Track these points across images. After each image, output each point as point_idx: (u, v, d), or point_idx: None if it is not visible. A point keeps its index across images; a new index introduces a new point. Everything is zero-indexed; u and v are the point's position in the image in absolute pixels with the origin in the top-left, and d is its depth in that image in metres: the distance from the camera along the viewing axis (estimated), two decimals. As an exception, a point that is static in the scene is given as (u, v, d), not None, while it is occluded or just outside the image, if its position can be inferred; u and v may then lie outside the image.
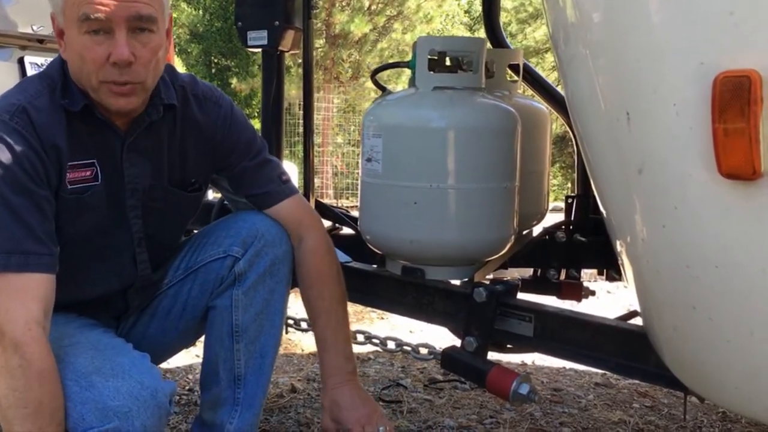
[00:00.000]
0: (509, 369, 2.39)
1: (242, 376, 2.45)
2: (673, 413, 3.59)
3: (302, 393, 3.70)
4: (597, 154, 1.90)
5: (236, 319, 2.42)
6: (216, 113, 2.40)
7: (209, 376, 2.49)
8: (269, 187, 2.46)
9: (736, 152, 1.41)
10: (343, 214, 3.41)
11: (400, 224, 2.53)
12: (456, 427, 3.34)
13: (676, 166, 1.56)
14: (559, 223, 3.28)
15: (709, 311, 1.60)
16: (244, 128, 2.46)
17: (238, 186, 2.50)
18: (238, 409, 2.46)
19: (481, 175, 2.51)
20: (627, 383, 3.97)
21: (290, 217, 2.46)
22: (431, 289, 2.65)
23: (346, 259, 2.92)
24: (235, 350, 2.44)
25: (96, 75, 2.06)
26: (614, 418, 3.50)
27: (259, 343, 2.45)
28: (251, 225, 2.43)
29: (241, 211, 2.55)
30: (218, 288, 2.43)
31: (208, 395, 2.50)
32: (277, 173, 2.48)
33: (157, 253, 2.42)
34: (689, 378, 1.83)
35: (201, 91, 2.39)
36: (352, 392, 2.37)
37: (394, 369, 4.15)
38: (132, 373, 2.01)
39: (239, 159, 2.44)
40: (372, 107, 2.70)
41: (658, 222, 1.64)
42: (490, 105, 2.59)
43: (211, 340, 2.47)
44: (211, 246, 2.46)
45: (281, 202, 2.46)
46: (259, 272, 2.41)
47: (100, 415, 1.94)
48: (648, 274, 1.76)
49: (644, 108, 1.60)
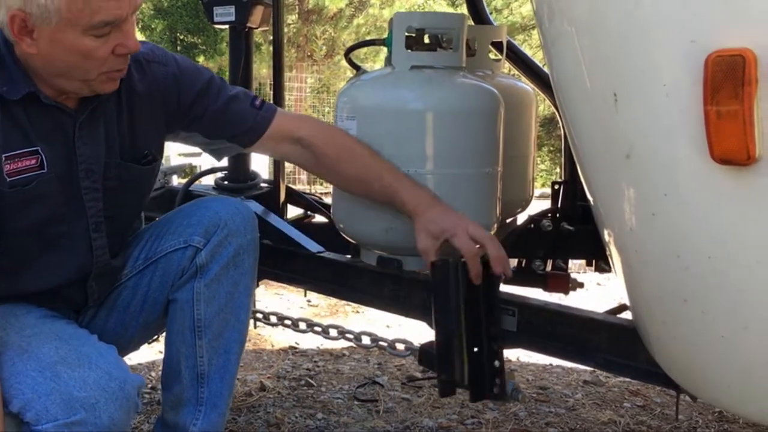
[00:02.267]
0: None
1: (206, 374, 2.45)
2: (666, 413, 3.60)
3: (272, 391, 3.71)
4: (583, 139, 1.90)
5: (198, 314, 2.41)
6: (163, 74, 2.42)
7: (171, 374, 2.49)
8: (247, 122, 2.49)
9: (730, 136, 1.41)
10: (316, 201, 3.41)
11: (376, 212, 2.53)
12: (435, 428, 3.34)
13: (666, 151, 1.56)
14: (545, 210, 3.27)
15: (701, 304, 1.60)
16: (196, 76, 2.48)
17: (214, 133, 2.53)
18: (202, 410, 2.45)
19: (461, 159, 2.50)
20: (617, 381, 3.98)
21: (281, 133, 2.51)
22: (409, 281, 2.65)
23: (319, 249, 2.92)
24: (197, 347, 2.43)
25: (99, 69, 2.12)
26: (603, 418, 3.51)
27: (224, 339, 2.45)
28: (214, 213, 2.44)
29: (204, 198, 2.55)
30: (179, 280, 2.43)
31: (170, 394, 2.49)
32: (248, 104, 2.51)
33: (116, 236, 2.42)
34: (680, 375, 1.84)
35: (143, 54, 2.39)
36: (446, 208, 2.38)
37: (370, 366, 4.15)
38: (99, 364, 2.02)
39: (203, 106, 2.46)
40: (346, 87, 2.69)
41: (647, 210, 1.64)
42: (471, 85, 2.59)
43: (172, 335, 2.47)
44: (171, 235, 2.46)
45: (266, 130, 2.50)
46: (222, 263, 2.40)
47: (65, 407, 1.94)
48: (637, 265, 1.76)
49: (632, 89, 1.60)
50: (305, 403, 3.60)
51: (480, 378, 2.23)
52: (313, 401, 3.63)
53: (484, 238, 2.27)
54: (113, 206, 2.35)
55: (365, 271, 2.75)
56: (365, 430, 3.31)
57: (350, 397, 3.71)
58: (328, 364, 4.17)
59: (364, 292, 2.78)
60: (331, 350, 4.41)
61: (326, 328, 3.21)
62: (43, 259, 2.28)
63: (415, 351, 2.84)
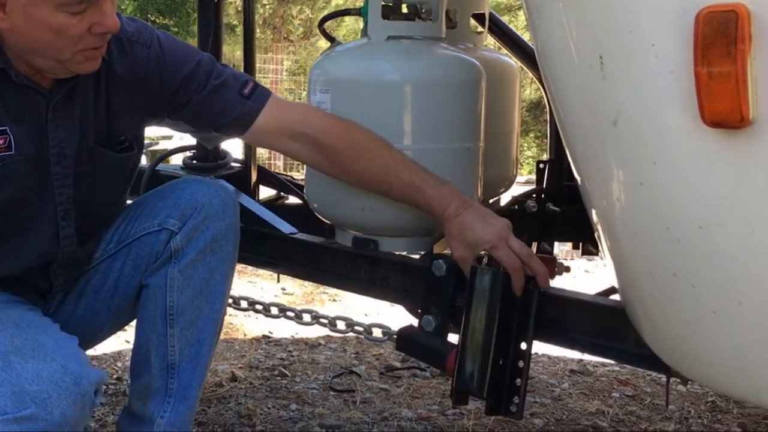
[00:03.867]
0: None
1: (176, 365, 2.41)
2: (657, 403, 3.59)
3: (244, 382, 3.68)
4: (568, 107, 1.88)
5: (171, 301, 2.38)
6: (146, 56, 2.35)
7: (140, 363, 2.46)
8: (232, 113, 2.41)
9: (722, 97, 1.39)
10: (289, 181, 3.38)
11: (351, 189, 2.50)
12: (415, 419, 3.33)
13: (655, 116, 1.53)
14: (530, 191, 3.26)
15: (691, 278, 1.58)
16: (182, 61, 2.41)
17: (199, 123, 2.50)
18: (171, 401, 2.42)
19: (441, 134, 2.49)
20: (605, 370, 3.97)
21: (275, 126, 2.43)
22: (385, 263, 2.61)
23: (291, 231, 2.89)
24: (168, 335, 2.40)
25: (73, 48, 2.07)
26: (591, 408, 3.50)
27: (196, 328, 2.42)
28: (190, 195, 2.40)
29: (182, 179, 2.52)
30: (153, 264, 2.40)
31: (139, 384, 2.46)
32: (236, 91, 2.42)
33: (87, 225, 2.38)
34: (670, 355, 1.81)
35: (126, 34, 2.33)
36: (480, 211, 2.34)
37: (347, 355, 4.13)
38: (55, 356, 1.98)
39: (188, 94, 2.40)
40: (319, 59, 2.66)
41: (635, 179, 1.62)
42: (452, 56, 2.57)
43: (143, 322, 2.43)
44: (145, 217, 2.42)
45: (256, 119, 2.41)
46: (198, 249, 2.37)
47: (15, 400, 1.90)
48: (624, 239, 1.74)
49: (619, 51, 1.58)
50: (278, 394, 3.58)
51: (499, 393, 2.22)
52: (286, 392, 3.61)
53: (526, 252, 2.24)
54: (84, 193, 2.31)
55: (340, 252, 2.72)
56: (341, 421, 3.29)
57: (326, 388, 3.69)
58: (303, 354, 4.15)
59: (339, 275, 2.75)
60: (306, 339, 4.39)
61: (299, 313, 3.19)
62: (6, 243, 2.25)
63: (393, 335, 2.81)
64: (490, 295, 2.21)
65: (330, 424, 3.24)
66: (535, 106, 16.25)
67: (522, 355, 2.22)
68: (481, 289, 2.23)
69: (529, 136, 17.55)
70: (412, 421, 3.30)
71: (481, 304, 2.22)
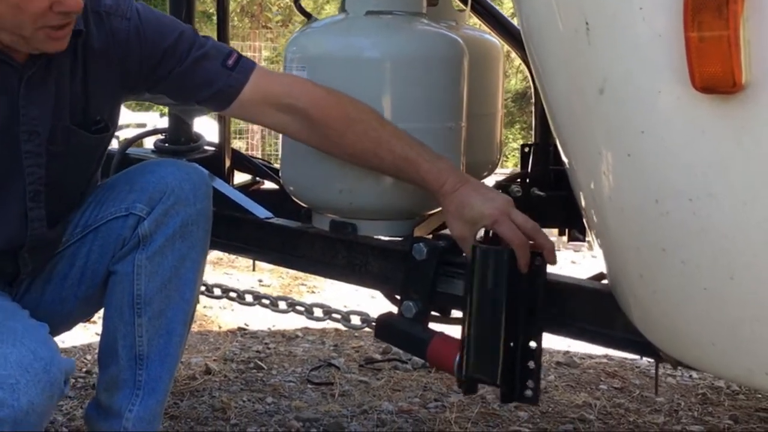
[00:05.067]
0: (454, 338, 2.35)
1: (145, 356, 2.38)
2: (646, 395, 3.58)
3: (218, 375, 3.66)
4: (554, 80, 1.86)
5: (138, 289, 2.35)
6: (125, 29, 2.31)
7: (108, 353, 2.42)
8: (215, 85, 2.37)
9: (713, 60, 1.36)
10: (265, 165, 3.35)
11: (327, 171, 2.47)
12: (395, 412, 3.31)
13: (643, 82, 1.51)
14: (514, 174, 3.24)
15: (681, 253, 1.56)
16: (163, 33, 2.36)
17: (181, 96, 2.47)
18: (140, 394, 2.39)
19: (421, 113, 2.46)
20: (593, 362, 3.97)
21: (261, 97, 2.38)
22: (364, 247, 2.59)
23: (267, 215, 2.86)
24: (136, 325, 2.37)
25: (33, 24, 2.02)
26: (578, 400, 3.49)
27: (166, 318, 2.39)
28: (160, 178, 2.36)
29: (152, 161, 2.48)
30: (120, 251, 2.36)
31: (106, 375, 2.43)
32: (219, 62, 2.37)
33: (57, 207, 2.34)
34: (660, 336, 1.79)
35: (104, 7, 2.29)
36: (479, 186, 2.29)
37: (326, 348, 4.12)
38: (24, 341, 1.93)
39: (168, 67, 2.36)
40: (295, 36, 2.64)
41: (622, 150, 1.60)
42: (433, 32, 2.54)
43: (110, 311, 2.40)
44: (113, 202, 2.38)
45: (238, 94, 2.36)
46: (168, 235, 2.33)
47: None
48: (611, 215, 1.72)
49: (606, 14, 1.56)
50: (254, 387, 3.55)
51: (512, 378, 2.18)
52: (262, 384, 3.59)
53: (530, 226, 2.18)
54: (56, 174, 2.27)
55: (317, 237, 2.69)
56: (319, 414, 3.27)
57: (303, 381, 3.67)
58: (280, 346, 4.13)
59: (316, 261, 2.72)
60: (283, 332, 4.37)
61: (275, 300, 3.16)
62: None
63: (372, 324, 2.79)
64: (494, 275, 2.15)
65: (307, 417, 3.21)
66: (520, 97, 16.28)
67: (533, 336, 2.17)
68: (484, 270, 2.16)
69: (515, 128, 17.58)
70: (392, 414, 3.28)
71: (485, 286, 2.16)
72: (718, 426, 3.28)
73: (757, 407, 3.47)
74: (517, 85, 15.06)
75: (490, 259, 2.16)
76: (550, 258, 2.16)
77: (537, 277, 2.16)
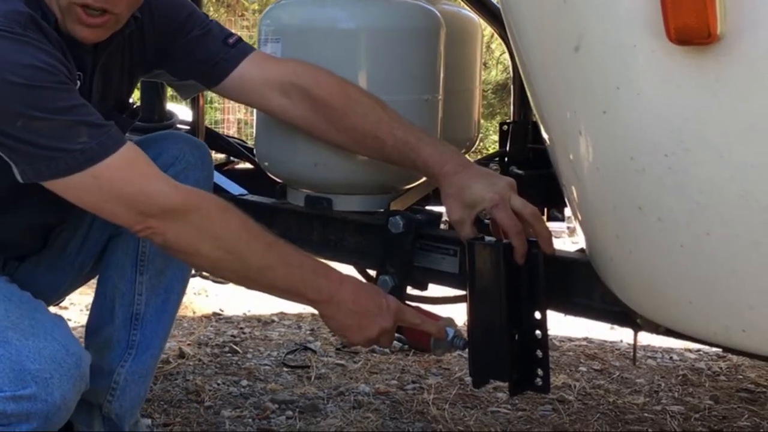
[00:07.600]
0: (430, 312, 2.35)
1: (141, 316, 2.45)
2: (626, 377, 3.60)
3: (192, 359, 3.65)
4: (530, 43, 1.87)
5: (144, 247, 2.42)
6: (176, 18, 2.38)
7: (101, 316, 2.48)
8: (213, 59, 2.39)
9: (688, 11, 1.37)
10: (240, 144, 3.36)
11: (302, 144, 2.48)
12: (372, 393, 3.31)
13: (618, 37, 1.52)
14: (493, 153, 3.25)
15: (657, 211, 1.57)
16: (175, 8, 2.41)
17: (181, 71, 2.49)
18: (132, 352, 2.45)
19: (397, 85, 2.48)
20: (572, 345, 3.98)
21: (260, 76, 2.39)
22: (339, 222, 2.59)
23: (241, 192, 2.86)
24: (137, 283, 2.44)
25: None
26: (557, 382, 3.50)
27: (165, 278, 2.46)
28: (171, 144, 2.45)
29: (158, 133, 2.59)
30: None
31: (98, 338, 2.47)
32: (220, 40, 2.40)
33: None
34: (637, 299, 1.80)
35: None
36: (481, 171, 2.28)
37: (302, 332, 4.12)
38: (55, 335, 1.96)
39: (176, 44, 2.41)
40: (270, 8, 2.65)
41: (598, 108, 1.61)
42: (409, 4, 2.56)
43: (110, 271, 2.46)
44: None
45: (237, 66, 2.38)
46: None
47: (15, 378, 1.89)
48: (587, 175, 1.73)
49: (581, -31, 1.57)
50: (228, 370, 3.55)
51: (520, 370, 2.18)
52: (237, 368, 3.59)
53: (529, 211, 2.18)
54: None
55: (292, 213, 2.69)
56: (295, 396, 3.27)
57: (279, 364, 3.67)
58: (255, 331, 4.13)
59: (291, 238, 2.70)
60: (258, 316, 4.37)
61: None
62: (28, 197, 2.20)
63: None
64: (493, 271, 2.14)
65: (283, 399, 3.22)
66: (501, 88, 16.26)
67: (538, 325, 2.17)
68: (482, 267, 2.15)
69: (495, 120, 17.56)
70: (369, 396, 3.28)
71: (485, 283, 2.15)
72: (699, 406, 3.30)
73: (738, 387, 3.49)
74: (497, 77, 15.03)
75: (486, 256, 2.15)
76: (546, 246, 2.15)
77: (535, 265, 2.16)
